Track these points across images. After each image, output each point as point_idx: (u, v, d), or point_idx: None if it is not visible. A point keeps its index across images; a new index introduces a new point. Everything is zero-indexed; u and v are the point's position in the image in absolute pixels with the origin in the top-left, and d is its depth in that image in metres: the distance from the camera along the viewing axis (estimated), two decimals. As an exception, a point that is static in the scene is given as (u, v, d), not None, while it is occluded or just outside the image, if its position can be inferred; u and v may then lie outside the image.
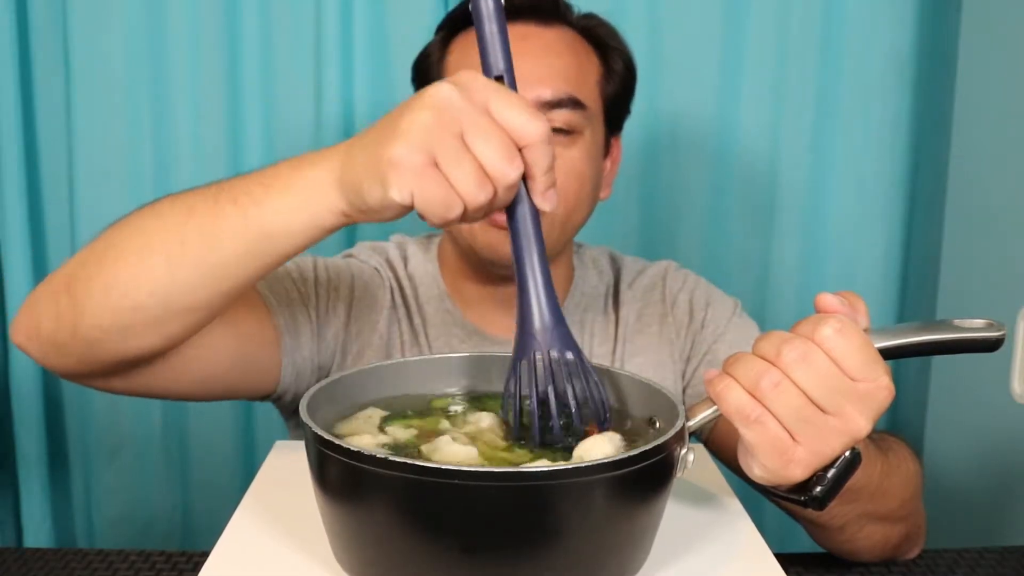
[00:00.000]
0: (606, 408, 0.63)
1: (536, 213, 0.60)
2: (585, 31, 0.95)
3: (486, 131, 0.55)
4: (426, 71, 0.97)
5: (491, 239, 0.90)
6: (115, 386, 0.77)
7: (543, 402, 0.62)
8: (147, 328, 0.69)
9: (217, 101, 1.41)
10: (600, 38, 0.96)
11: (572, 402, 0.61)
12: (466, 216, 0.57)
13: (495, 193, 0.56)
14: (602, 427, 0.62)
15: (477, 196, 0.55)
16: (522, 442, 0.63)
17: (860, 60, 1.41)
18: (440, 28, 0.98)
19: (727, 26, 1.41)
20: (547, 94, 0.88)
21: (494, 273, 0.95)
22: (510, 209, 0.60)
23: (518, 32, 0.91)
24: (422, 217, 0.57)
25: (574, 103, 0.90)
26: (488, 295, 0.98)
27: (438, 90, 0.56)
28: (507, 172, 0.55)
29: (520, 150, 0.56)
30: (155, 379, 0.77)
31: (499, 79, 0.59)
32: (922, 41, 1.42)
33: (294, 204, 0.62)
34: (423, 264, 1.01)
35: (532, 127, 0.56)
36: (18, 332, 0.75)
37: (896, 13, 1.41)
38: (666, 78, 1.42)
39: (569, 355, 0.61)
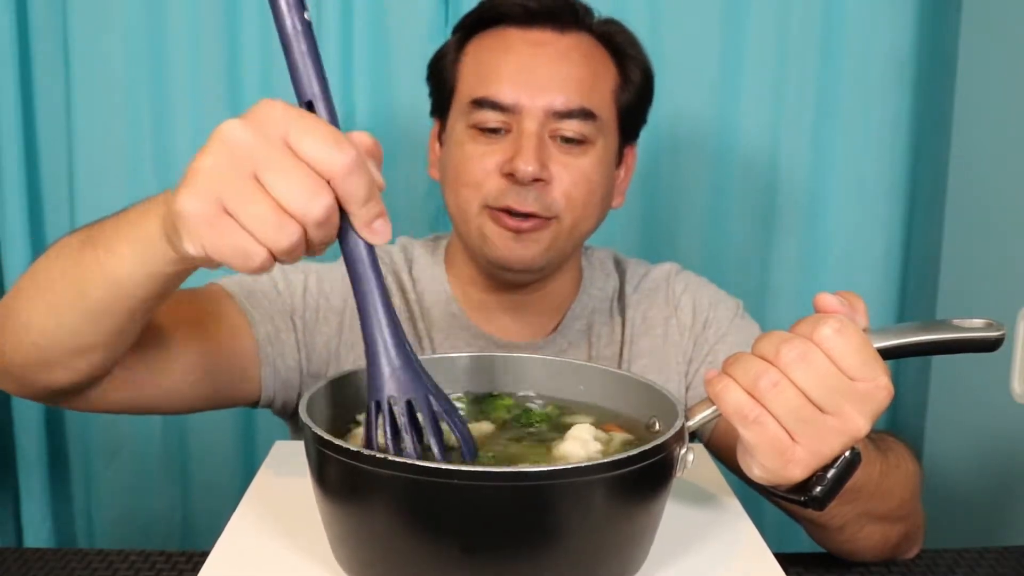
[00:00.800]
0: (469, 444, 0.59)
1: (370, 247, 0.54)
2: (604, 37, 0.94)
3: (281, 167, 0.49)
4: (440, 72, 0.97)
5: (500, 241, 0.89)
6: (74, 406, 0.78)
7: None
8: (55, 366, 0.70)
9: (217, 101, 1.41)
10: (618, 46, 0.95)
11: (436, 449, 0.56)
12: (277, 261, 0.51)
13: (302, 234, 0.50)
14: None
15: (279, 240, 0.49)
16: None
17: (860, 60, 1.41)
18: (457, 29, 0.97)
19: (727, 26, 1.41)
20: (558, 103, 0.88)
21: (504, 278, 0.95)
22: (341, 244, 0.54)
23: (534, 38, 0.91)
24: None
25: (586, 114, 0.89)
26: (496, 300, 0.98)
27: (226, 128, 0.50)
28: (310, 208, 0.49)
29: (329, 183, 0.50)
30: (109, 399, 0.78)
31: (309, 105, 0.53)
32: (922, 41, 1.42)
33: (134, 253, 0.60)
34: (429, 267, 1.01)
35: (335, 157, 0.49)
36: None
37: (896, 13, 1.41)
38: (666, 78, 1.41)
39: (422, 398, 0.57)
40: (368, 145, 0.53)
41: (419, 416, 0.57)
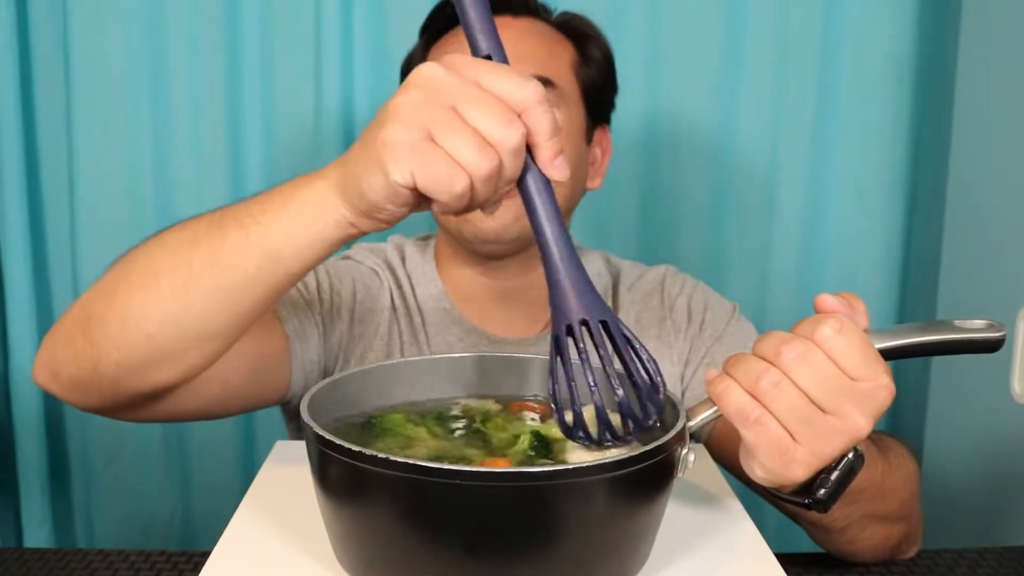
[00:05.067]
0: (661, 379, 0.58)
1: (548, 184, 0.57)
2: (559, 25, 0.98)
3: (479, 99, 0.53)
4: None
5: (473, 215, 0.90)
6: (141, 416, 0.77)
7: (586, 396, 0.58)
8: (165, 360, 0.68)
9: (217, 101, 1.41)
10: (574, 29, 0.99)
11: (635, 372, 0.57)
12: (475, 193, 0.54)
13: (500, 162, 0.53)
14: (658, 402, 0.58)
15: (480, 165, 0.53)
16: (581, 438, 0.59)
17: (860, 61, 1.42)
18: (422, 31, 1.01)
19: (727, 26, 1.41)
20: None
21: (488, 254, 0.95)
22: (521, 182, 0.57)
23: None
24: (429, 200, 0.55)
25: (544, 81, 0.91)
26: (485, 288, 0.99)
27: (424, 69, 0.55)
28: (508, 135, 0.53)
29: (520, 116, 0.54)
30: (178, 406, 0.76)
31: (487, 58, 0.57)
32: (922, 41, 1.42)
33: (296, 220, 0.61)
34: (420, 264, 1.01)
35: (526, 90, 0.54)
36: (39, 374, 0.74)
37: (896, 13, 1.41)
38: (666, 78, 1.42)
39: (612, 323, 0.57)
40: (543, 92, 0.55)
41: (613, 340, 0.57)
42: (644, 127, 1.42)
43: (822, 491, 0.56)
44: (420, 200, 0.56)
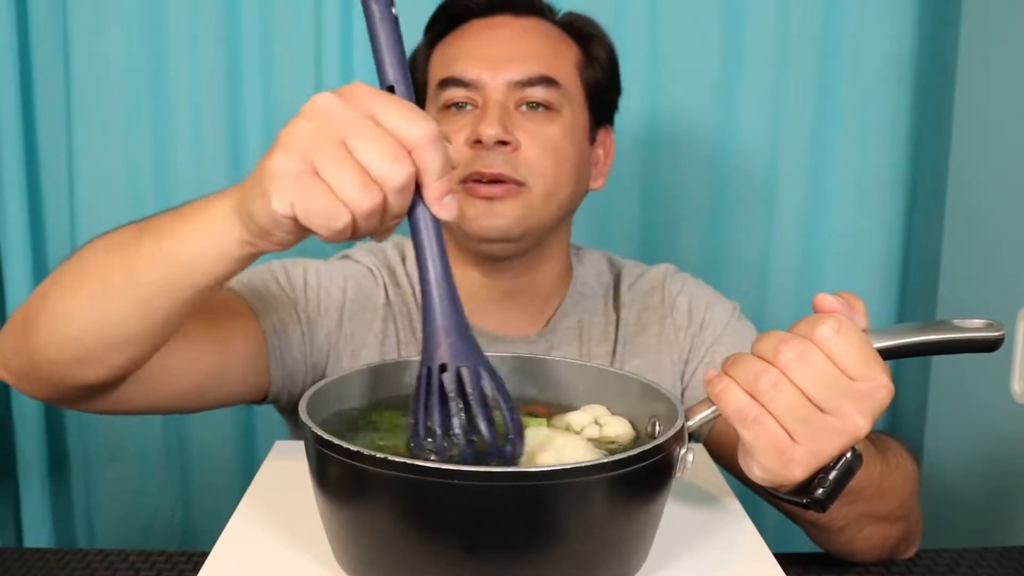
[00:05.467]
0: (516, 430, 0.58)
1: (436, 221, 0.56)
2: (564, 25, 0.99)
3: (368, 134, 0.52)
4: (412, 72, 0.99)
5: (474, 211, 0.90)
6: (95, 408, 0.78)
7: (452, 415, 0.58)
8: (89, 360, 0.70)
9: (217, 101, 1.41)
10: (579, 29, 0.99)
11: (482, 422, 0.57)
12: (356, 228, 0.54)
13: (384, 199, 0.53)
14: (506, 450, 0.58)
15: (361, 201, 0.52)
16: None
17: (860, 60, 1.42)
18: (426, 31, 1.01)
19: (727, 26, 1.41)
20: (517, 75, 0.91)
21: (491, 254, 0.95)
22: (410, 216, 0.56)
23: (494, 22, 0.96)
24: (311, 231, 0.55)
25: (547, 80, 0.92)
26: (487, 288, 0.99)
27: (318, 98, 0.54)
28: (393, 174, 0.52)
29: (410, 153, 0.53)
30: (132, 400, 0.78)
31: (391, 90, 0.56)
32: (922, 42, 1.42)
33: (199, 234, 0.61)
34: None
35: (416, 128, 0.53)
36: None
37: (896, 13, 1.41)
38: (666, 78, 1.42)
39: (472, 369, 0.57)
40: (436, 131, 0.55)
41: (466, 388, 0.57)
42: (644, 127, 1.42)
43: (820, 491, 0.56)
44: (305, 229, 0.56)
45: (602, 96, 0.99)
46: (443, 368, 0.57)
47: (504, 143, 0.89)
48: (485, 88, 0.91)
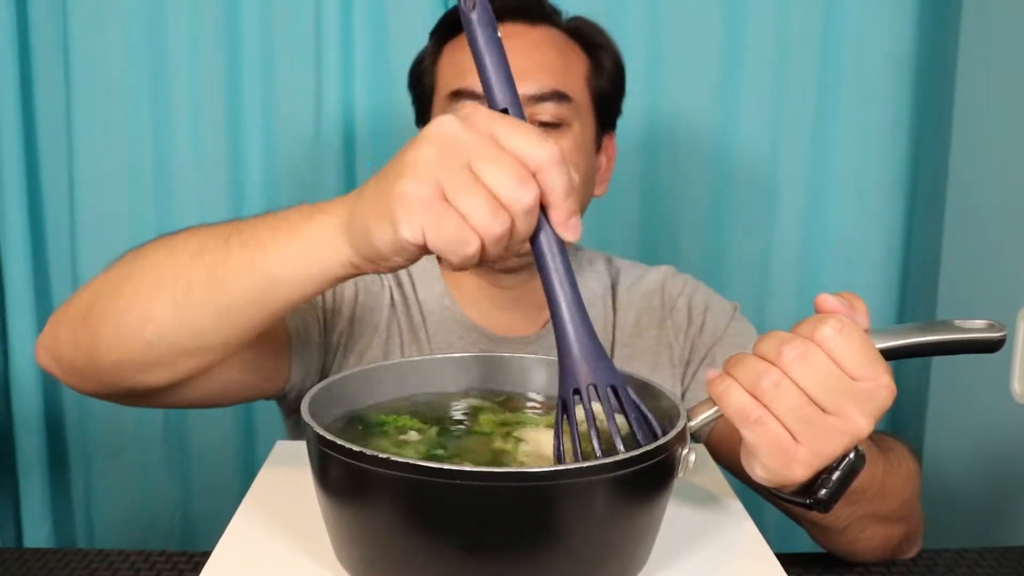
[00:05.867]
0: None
1: (561, 242, 0.56)
2: (572, 32, 0.98)
3: (494, 158, 0.52)
4: (420, 76, 0.99)
5: None
6: (137, 404, 0.78)
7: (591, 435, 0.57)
8: (160, 365, 0.69)
9: (217, 101, 1.41)
10: (587, 37, 0.98)
11: (617, 439, 0.56)
12: (485, 253, 0.53)
13: (512, 223, 0.52)
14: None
15: (492, 227, 0.52)
16: None
17: (860, 60, 1.42)
18: (433, 33, 0.99)
19: (727, 26, 1.41)
20: (531, 89, 0.90)
21: (502, 268, 0.96)
22: (533, 241, 0.56)
23: (505, 31, 0.93)
24: (440, 257, 0.54)
25: (559, 96, 0.91)
26: (489, 292, 0.99)
27: (441, 123, 0.53)
28: (521, 197, 0.52)
29: (535, 176, 0.53)
30: (176, 399, 0.77)
31: (504, 112, 0.56)
32: (922, 41, 1.42)
33: (301, 252, 0.60)
34: (423, 262, 1.02)
35: (542, 150, 0.52)
36: (41, 353, 0.75)
37: (896, 13, 1.41)
38: (666, 78, 1.42)
39: (621, 388, 0.57)
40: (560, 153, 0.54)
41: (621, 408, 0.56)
42: (644, 127, 1.42)
43: (823, 491, 0.56)
44: (426, 253, 0.55)
45: (608, 105, 0.99)
46: (580, 391, 0.56)
47: None
48: None
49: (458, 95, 0.92)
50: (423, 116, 1.00)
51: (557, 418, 0.58)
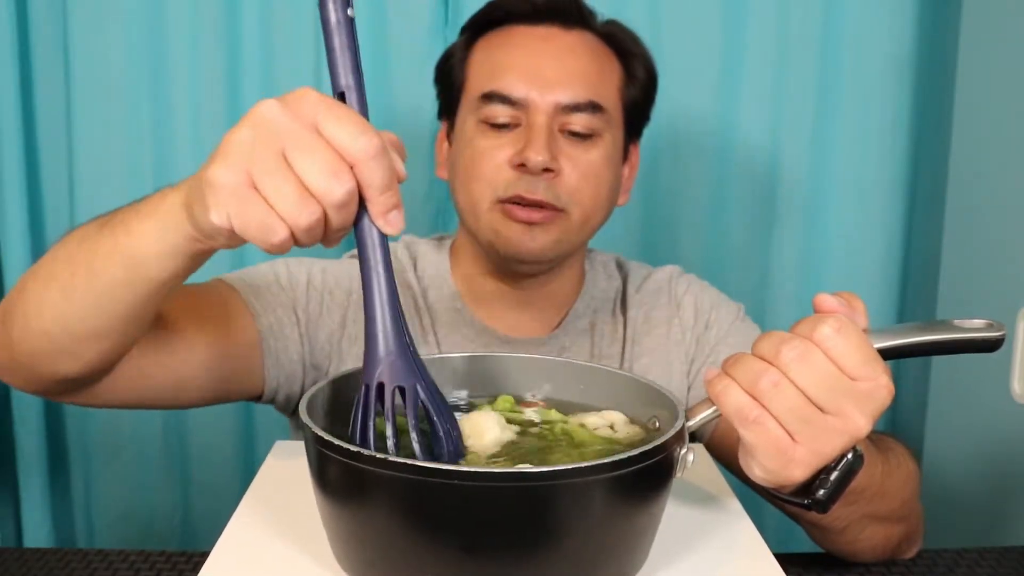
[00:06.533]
0: (454, 445, 0.59)
1: (382, 235, 0.55)
2: (607, 37, 0.96)
3: (309, 146, 0.51)
4: (449, 71, 0.98)
5: (511, 233, 0.90)
6: (83, 401, 0.78)
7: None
8: (63, 354, 0.70)
9: (217, 101, 1.41)
10: (622, 44, 0.96)
11: (415, 436, 0.57)
12: (297, 241, 0.53)
13: (322, 214, 0.52)
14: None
15: (299, 217, 0.51)
16: None
17: (860, 60, 1.42)
18: (465, 29, 0.98)
19: (727, 26, 1.41)
20: (567, 97, 0.89)
21: (516, 271, 0.95)
22: (356, 230, 0.55)
23: (540, 33, 0.93)
24: (251, 242, 0.54)
25: (594, 107, 0.90)
26: (504, 294, 0.99)
27: (261, 106, 0.52)
28: (331, 189, 0.51)
29: (352, 168, 0.52)
30: (119, 393, 0.78)
31: (341, 96, 0.56)
32: (922, 41, 1.42)
33: (153, 229, 0.61)
34: (434, 264, 1.01)
35: (359, 142, 0.51)
36: None
37: (896, 13, 1.41)
38: (666, 78, 1.40)
39: (411, 388, 0.58)
40: (392, 139, 0.55)
41: (405, 405, 0.57)
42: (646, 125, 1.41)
43: (822, 491, 0.56)
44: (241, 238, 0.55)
45: (638, 114, 0.99)
46: (380, 387, 0.57)
47: (548, 170, 0.88)
48: (532, 108, 0.89)
49: (489, 98, 0.90)
50: (449, 113, 0.99)
51: (356, 403, 0.58)
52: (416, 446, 0.57)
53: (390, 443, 0.56)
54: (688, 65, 1.41)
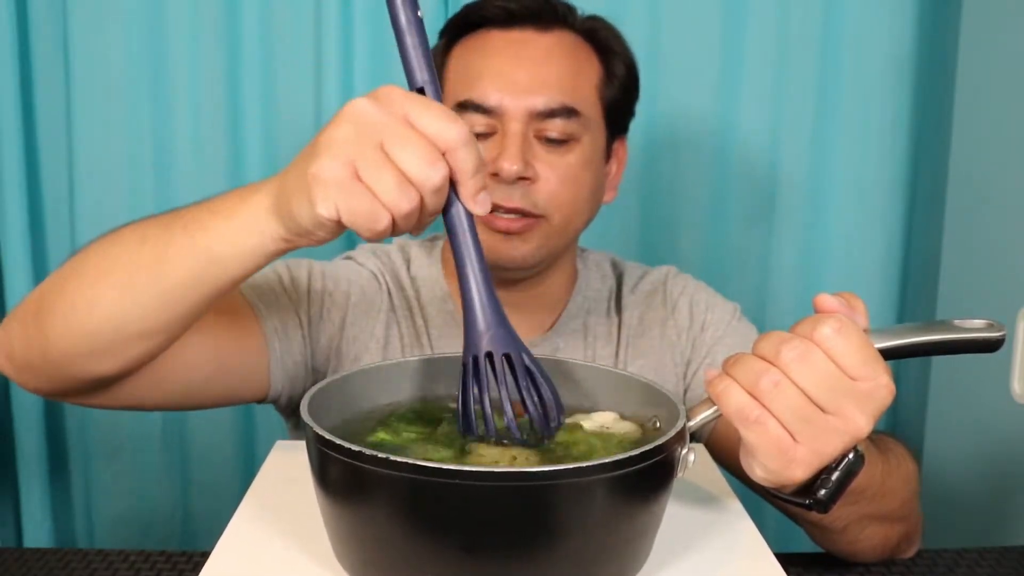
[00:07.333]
0: (558, 407, 0.63)
1: (471, 216, 0.60)
2: (587, 34, 0.95)
3: (404, 138, 0.55)
4: None
5: (492, 242, 0.90)
6: (96, 402, 0.79)
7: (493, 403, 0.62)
8: (106, 352, 0.71)
9: (217, 101, 1.41)
10: (602, 41, 0.95)
11: (529, 402, 0.61)
12: (396, 227, 0.57)
13: (421, 200, 0.56)
14: (551, 427, 0.63)
15: (400, 204, 0.55)
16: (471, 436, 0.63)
17: (860, 60, 1.42)
18: (443, 33, 0.98)
19: (727, 26, 1.41)
20: (540, 104, 0.89)
21: (501, 277, 0.95)
22: (446, 215, 0.60)
23: (515, 38, 0.92)
24: (355, 232, 0.57)
25: (568, 111, 0.90)
26: (499, 296, 0.98)
27: (355, 104, 0.56)
28: (429, 176, 0.55)
29: (444, 155, 0.56)
30: (134, 394, 0.78)
31: (420, 91, 0.59)
32: (922, 41, 1.42)
33: (237, 230, 0.64)
34: (426, 267, 1.01)
35: (451, 130, 0.56)
36: None
37: (896, 13, 1.41)
38: (666, 78, 1.42)
39: (516, 355, 0.61)
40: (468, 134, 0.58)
41: (516, 372, 0.61)
42: (644, 127, 1.42)
43: (822, 491, 0.56)
44: (345, 228, 0.58)
45: (620, 112, 0.98)
46: (488, 356, 0.61)
47: (524, 178, 0.88)
48: (506, 115, 0.89)
49: (464, 107, 0.90)
50: None
51: (460, 384, 0.62)
52: (531, 409, 0.61)
53: (507, 412, 0.60)
54: (688, 65, 1.41)
